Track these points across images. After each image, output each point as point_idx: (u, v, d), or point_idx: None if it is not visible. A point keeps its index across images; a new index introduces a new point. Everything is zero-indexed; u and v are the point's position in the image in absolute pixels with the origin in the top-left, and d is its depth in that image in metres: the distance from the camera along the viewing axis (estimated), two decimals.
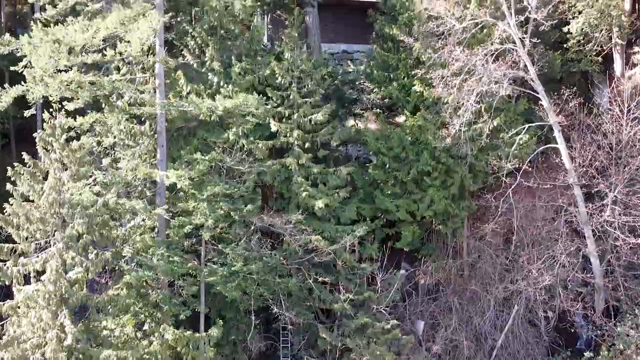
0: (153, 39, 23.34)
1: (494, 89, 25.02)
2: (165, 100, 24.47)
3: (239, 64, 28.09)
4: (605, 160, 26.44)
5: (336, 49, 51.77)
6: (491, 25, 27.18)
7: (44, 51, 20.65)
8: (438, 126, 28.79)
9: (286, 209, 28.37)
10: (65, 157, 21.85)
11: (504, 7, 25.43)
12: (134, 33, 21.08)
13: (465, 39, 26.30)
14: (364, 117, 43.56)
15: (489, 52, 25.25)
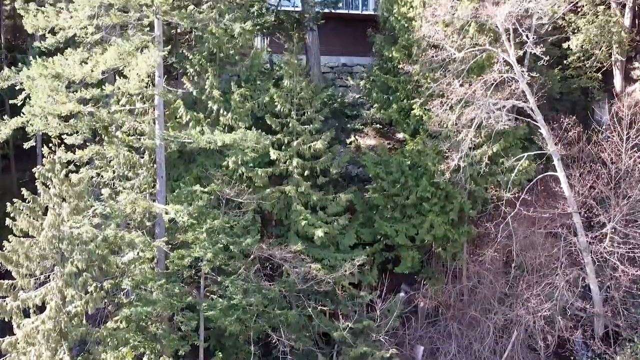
0: (152, 69, 23.30)
1: (493, 118, 24.96)
2: (165, 132, 24.49)
3: (238, 90, 28.10)
4: (604, 190, 26.38)
5: (335, 61, 51.80)
6: (490, 54, 27.13)
7: (43, 89, 20.61)
8: (437, 151, 28.82)
9: (285, 236, 28.43)
10: (64, 192, 21.92)
11: (503, 38, 25.38)
12: (132, 71, 21.05)
13: (464, 70, 26.21)
14: (364, 132, 43.90)
15: (488, 83, 25.14)
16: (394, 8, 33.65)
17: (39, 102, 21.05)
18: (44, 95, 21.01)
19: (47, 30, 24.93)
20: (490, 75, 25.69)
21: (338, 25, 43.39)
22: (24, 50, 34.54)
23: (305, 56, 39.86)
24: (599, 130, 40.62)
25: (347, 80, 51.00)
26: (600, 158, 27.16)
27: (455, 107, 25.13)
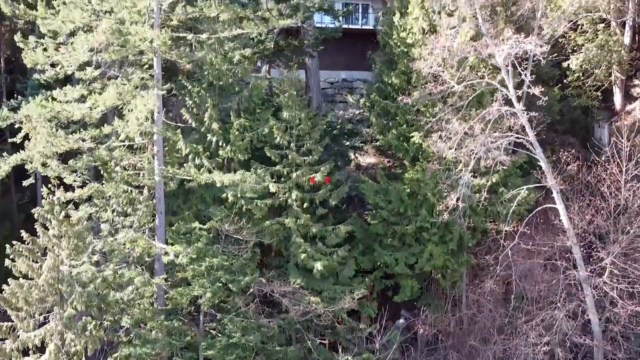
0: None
1: (491, 156, 24.94)
2: (164, 168, 24.47)
3: (237, 121, 28.09)
4: (604, 226, 26.36)
5: (335, 76, 51.87)
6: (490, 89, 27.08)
7: (42, 135, 20.61)
8: (436, 181, 28.78)
9: (285, 267, 28.46)
10: (63, 233, 21.95)
11: (503, 73, 25.31)
12: (131, 113, 21.03)
13: (464, 106, 26.17)
14: (364, 150, 43.87)
15: (487, 118, 25.09)
16: (393, 33, 33.65)
17: (37, 148, 21.02)
18: (43, 140, 20.99)
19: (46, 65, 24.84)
20: (489, 109, 25.56)
21: (338, 40, 43.23)
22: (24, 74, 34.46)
23: (305, 76, 39.87)
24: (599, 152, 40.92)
25: (347, 96, 51.10)
26: (600, 191, 27.06)
27: (454, 144, 24.99)
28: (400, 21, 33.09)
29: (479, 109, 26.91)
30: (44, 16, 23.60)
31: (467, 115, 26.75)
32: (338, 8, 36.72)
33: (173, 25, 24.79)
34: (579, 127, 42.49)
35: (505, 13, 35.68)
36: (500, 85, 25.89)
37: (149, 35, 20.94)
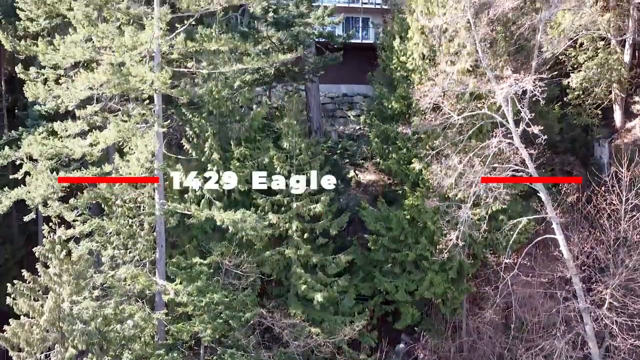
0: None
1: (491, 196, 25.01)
2: (165, 202, 24.54)
3: (238, 150, 28.16)
4: (604, 257, 26.40)
5: (336, 91, 51.92)
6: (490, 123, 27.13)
7: (42, 179, 20.69)
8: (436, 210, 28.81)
9: (285, 296, 28.52)
10: (64, 271, 22.01)
11: (503, 107, 25.31)
12: (132, 156, 21.11)
13: (463, 139, 26.20)
14: (364, 166, 43.91)
15: (487, 151, 25.12)
16: (393, 57, 33.70)
17: (39, 191, 21.11)
18: (44, 184, 21.06)
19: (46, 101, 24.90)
20: (489, 142, 25.59)
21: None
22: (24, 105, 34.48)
23: (305, 95, 39.90)
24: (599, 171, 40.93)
25: (347, 112, 51.17)
26: (600, 223, 27.08)
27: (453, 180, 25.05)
28: (400, 46, 33.15)
29: (479, 141, 26.89)
30: (45, 52, 23.61)
31: (467, 147, 26.73)
32: (339, 33, 36.50)
33: (173, 59, 24.86)
34: (579, 145, 42.46)
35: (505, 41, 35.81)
36: (500, 118, 25.90)
37: (150, 78, 20.99)
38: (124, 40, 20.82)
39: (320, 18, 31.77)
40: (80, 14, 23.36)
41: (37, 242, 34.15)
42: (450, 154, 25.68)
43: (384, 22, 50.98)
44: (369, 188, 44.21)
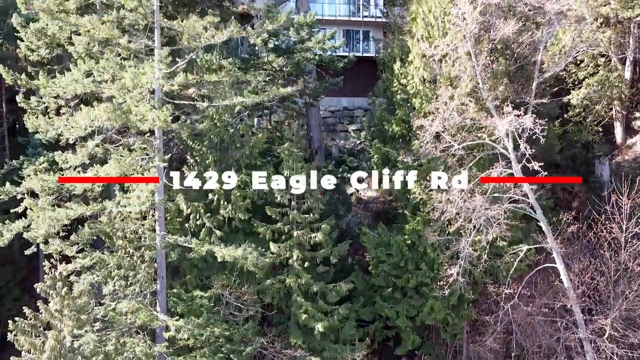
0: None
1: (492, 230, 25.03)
2: (165, 235, 24.57)
3: (238, 177, 28.18)
4: (604, 292, 26.43)
5: (337, 104, 51.91)
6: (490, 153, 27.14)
7: (43, 220, 20.75)
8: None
9: (286, 324, 28.54)
10: (66, 307, 22.06)
11: (504, 142, 25.29)
12: (133, 194, 21.14)
13: (465, 170, 26.22)
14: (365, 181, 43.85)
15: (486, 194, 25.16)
16: (393, 80, 33.72)
17: (40, 231, 21.17)
18: (45, 225, 21.12)
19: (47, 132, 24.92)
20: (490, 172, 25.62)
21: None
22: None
23: (306, 115, 39.93)
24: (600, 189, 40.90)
25: (348, 126, 51.16)
26: (600, 251, 27.11)
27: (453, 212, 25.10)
28: (401, 69, 33.17)
29: (480, 170, 26.90)
30: (46, 85, 23.63)
31: (469, 176, 26.73)
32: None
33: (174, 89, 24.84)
34: (579, 163, 42.41)
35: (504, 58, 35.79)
36: (501, 148, 25.90)
37: (150, 117, 21.00)
38: (124, 83, 20.83)
39: (320, 42, 31.72)
40: (81, 47, 23.38)
41: (39, 262, 34.26)
42: (450, 186, 25.62)
43: (384, 36, 51.17)
44: (370, 205, 44.28)
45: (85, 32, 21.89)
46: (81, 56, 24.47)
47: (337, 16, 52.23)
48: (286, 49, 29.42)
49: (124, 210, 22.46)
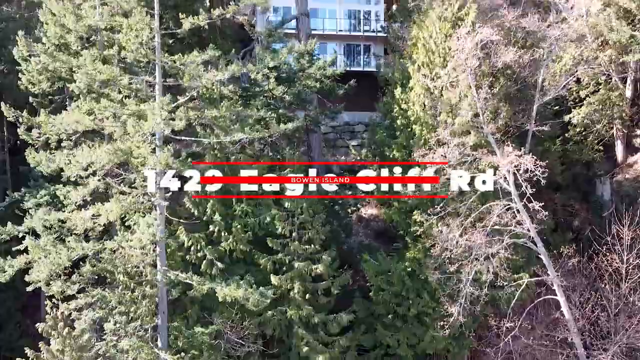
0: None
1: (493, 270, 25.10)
2: (166, 270, 24.61)
3: (239, 207, 28.22)
4: (605, 327, 26.45)
5: (338, 119, 51.65)
6: None
7: (45, 265, 20.82)
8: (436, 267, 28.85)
9: (287, 355, 28.58)
10: (67, 346, 22.15)
11: (507, 178, 25.27)
12: (135, 236, 21.19)
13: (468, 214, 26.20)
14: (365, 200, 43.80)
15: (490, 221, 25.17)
16: (394, 106, 33.72)
17: (41, 275, 21.24)
18: (46, 269, 21.18)
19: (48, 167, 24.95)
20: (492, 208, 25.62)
21: (339, 82, 43.12)
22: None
23: (307, 137, 39.84)
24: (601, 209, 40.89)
25: (349, 141, 51.08)
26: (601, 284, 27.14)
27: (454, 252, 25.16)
28: (402, 95, 33.15)
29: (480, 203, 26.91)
30: (47, 122, 23.66)
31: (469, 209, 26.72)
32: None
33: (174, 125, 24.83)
34: (580, 181, 42.38)
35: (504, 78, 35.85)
36: (502, 181, 25.90)
37: (151, 161, 21.03)
38: (126, 130, 20.86)
39: (321, 69, 31.71)
40: (83, 84, 23.41)
41: (40, 288, 34.31)
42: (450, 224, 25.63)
43: (385, 52, 51.13)
44: (371, 223, 44.27)
45: (86, 74, 21.89)
46: (82, 92, 24.49)
47: (338, 31, 52.20)
48: (287, 78, 29.40)
49: (125, 246, 22.46)
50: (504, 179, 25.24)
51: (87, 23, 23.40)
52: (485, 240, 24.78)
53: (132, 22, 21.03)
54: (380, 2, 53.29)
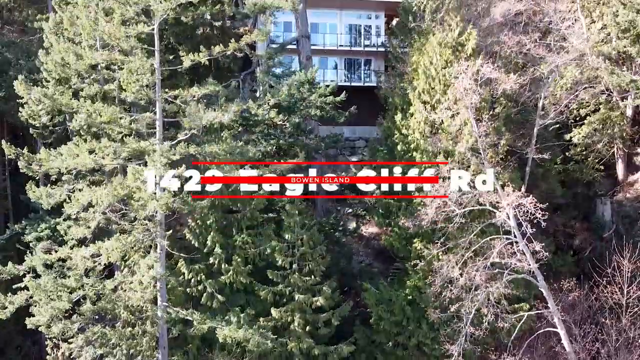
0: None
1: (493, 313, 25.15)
2: (167, 305, 24.65)
3: (239, 238, 28.24)
4: (605, 356, 26.48)
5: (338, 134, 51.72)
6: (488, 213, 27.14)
7: (45, 309, 20.86)
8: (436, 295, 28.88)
9: None
10: None
11: (504, 203, 25.28)
12: (135, 279, 21.22)
13: (469, 248, 26.20)
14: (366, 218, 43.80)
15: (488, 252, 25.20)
16: (395, 132, 33.70)
17: (42, 320, 21.28)
18: (47, 314, 21.22)
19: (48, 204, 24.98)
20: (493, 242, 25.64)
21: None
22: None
23: None
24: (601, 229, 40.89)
25: (350, 157, 51.03)
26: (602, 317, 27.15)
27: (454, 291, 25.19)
28: (402, 121, 33.14)
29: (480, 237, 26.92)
30: (47, 160, 23.66)
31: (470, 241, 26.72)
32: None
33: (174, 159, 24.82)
34: (580, 200, 42.36)
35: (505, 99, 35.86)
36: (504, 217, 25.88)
37: (151, 207, 21.06)
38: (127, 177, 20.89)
39: (322, 96, 31.70)
40: (83, 121, 23.42)
41: None
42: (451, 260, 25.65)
43: (385, 70, 51.03)
44: (372, 242, 44.25)
45: (87, 115, 21.91)
46: (83, 127, 24.51)
47: (339, 46, 52.18)
48: (287, 108, 29.39)
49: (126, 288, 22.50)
50: (506, 216, 25.21)
51: (88, 63, 23.37)
52: (486, 278, 24.75)
53: (132, 66, 21.03)
54: (380, 17, 53.18)
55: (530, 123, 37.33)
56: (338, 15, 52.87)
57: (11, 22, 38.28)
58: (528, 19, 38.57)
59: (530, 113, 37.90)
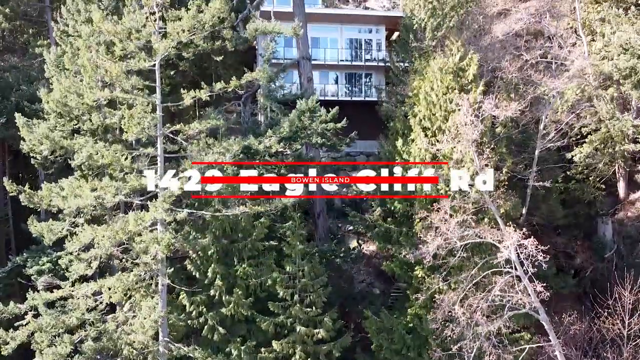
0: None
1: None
2: (169, 340, 24.68)
3: (241, 268, 28.25)
4: None
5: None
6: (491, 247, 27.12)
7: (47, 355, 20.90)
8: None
9: None
10: None
11: (507, 243, 25.27)
12: (137, 321, 21.25)
13: (470, 282, 26.16)
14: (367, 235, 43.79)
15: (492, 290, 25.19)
16: (396, 157, 33.67)
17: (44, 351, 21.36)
18: (49, 358, 21.24)
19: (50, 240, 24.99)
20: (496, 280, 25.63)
21: (340, 111, 43.44)
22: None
23: None
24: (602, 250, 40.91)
25: (350, 173, 50.96)
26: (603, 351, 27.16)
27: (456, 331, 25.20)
28: (403, 147, 33.11)
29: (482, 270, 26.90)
30: (49, 198, 23.68)
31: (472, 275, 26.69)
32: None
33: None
34: (581, 219, 42.34)
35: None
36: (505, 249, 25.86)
37: (153, 249, 21.06)
38: (128, 223, 20.90)
39: (324, 123, 31.68)
40: (85, 159, 23.42)
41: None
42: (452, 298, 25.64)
43: (386, 85, 50.94)
44: (372, 260, 44.23)
45: (88, 156, 21.91)
46: (84, 163, 24.51)
47: (340, 61, 52.11)
48: (288, 137, 29.36)
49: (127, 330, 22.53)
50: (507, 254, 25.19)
51: (89, 102, 23.38)
52: (487, 312, 24.75)
53: (134, 112, 21.02)
54: (381, 31, 53.13)
55: (531, 147, 37.33)
56: (339, 30, 52.83)
57: (12, 47, 38.21)
58: (528, 43, 38.54)
59: (531, 136, 37.88)
